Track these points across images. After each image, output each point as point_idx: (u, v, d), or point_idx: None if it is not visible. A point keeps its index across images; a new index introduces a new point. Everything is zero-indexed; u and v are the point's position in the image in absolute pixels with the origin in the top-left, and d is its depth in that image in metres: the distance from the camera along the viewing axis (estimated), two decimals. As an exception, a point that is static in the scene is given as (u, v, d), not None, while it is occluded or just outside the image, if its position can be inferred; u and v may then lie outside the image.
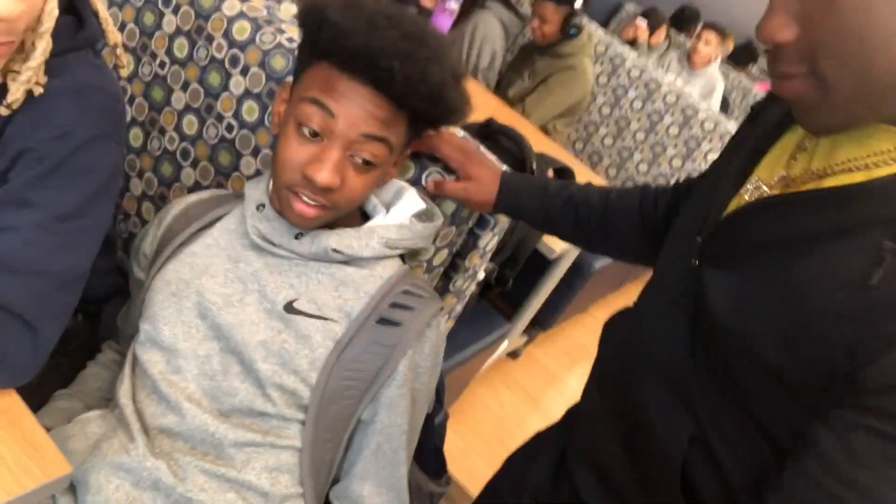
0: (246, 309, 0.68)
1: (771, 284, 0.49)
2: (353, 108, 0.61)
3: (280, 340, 0.66)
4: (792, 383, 0.48)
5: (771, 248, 0.50)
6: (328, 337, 0.67)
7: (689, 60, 3.02)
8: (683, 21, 3.78)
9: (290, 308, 0.67)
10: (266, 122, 0.88)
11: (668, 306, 0.59)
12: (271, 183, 0.70)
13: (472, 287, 0.99)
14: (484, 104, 1.92)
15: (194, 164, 0.95)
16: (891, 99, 0.43)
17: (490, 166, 0.81)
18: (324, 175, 0.61)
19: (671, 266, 0.63)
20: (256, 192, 0.73)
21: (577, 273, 1.93)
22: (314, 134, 0.63)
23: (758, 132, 0.59)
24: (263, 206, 0.71)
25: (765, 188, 0.54)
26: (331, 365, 0.66)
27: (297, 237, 0.69)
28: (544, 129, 2.20)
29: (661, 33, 3.22)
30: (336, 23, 0.60)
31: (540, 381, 2.16)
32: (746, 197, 0.55)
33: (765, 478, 0.52)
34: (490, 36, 2.09)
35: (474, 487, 1.65)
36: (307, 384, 0.66)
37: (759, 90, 3.49)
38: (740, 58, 4.11)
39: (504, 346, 1.90)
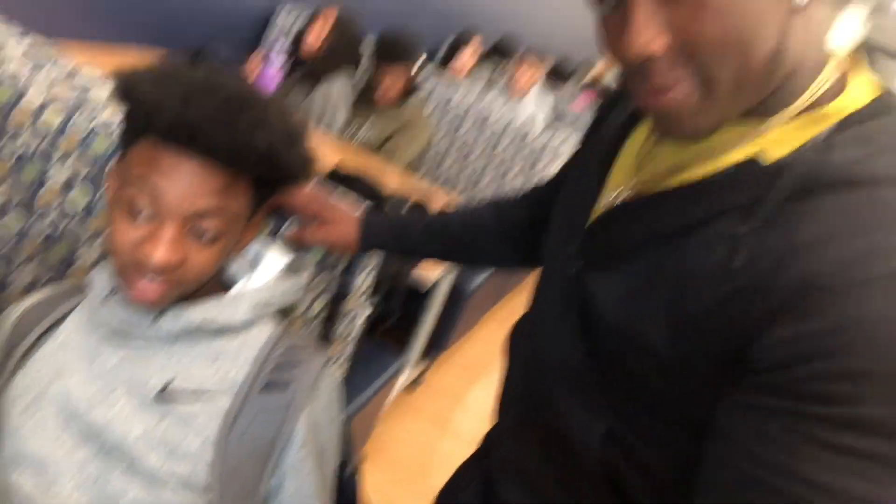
0: (117, 405, 0.63)
1: (648, 281, 0.50)
2: (182, 184, 0.58)
3: (162, 429, 0.62)
4: (688, 373, 0.48)
5: (641, 247, 0.51)
6: (214, 415, 0.63)
7: (511, 86, 3.32)
8: (504, 50, 4.16)
9: (165, 393, 0.63)
10: (98, 207, 0.86)
11: (558, 314, 0.60)
12: None
13: (357, 330, 0.99)
14: (335, 153, 1.97)
15: (27, 262, 0.91)
16: (764, 84, 0.44)
17: (346, 209, 0.81)
18: (159, 254, 0.58)
19: (553, 275, 0.64)
20: (103, 279, 0.69)
21: (457, 294, 2.02)
22: (143, 213, 0.59)
23: (607, 136, 0.61)
24: (114, 292, 0.67)
25: (623, 193, 0.55)
26: (223, 443, 0.62)
27: (157, 318, 0.65)
28: (403, 175, 2.32)
29: (474, 53, 3.41)
30: (149, 97, 0.57)
31: (445, 404, 2.20)
32: (610, 201, 0.56)
33: (686, 468, 0.51)
34: (345, 99, 2.18)
35: (402, 525, 1.64)
36: (202, 467, 0.62)
37: (580, 105, 3.89)
38: (557, 77, 4.58)
39: (404, 378, 1.92)
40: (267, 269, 0.73)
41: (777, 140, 0.46)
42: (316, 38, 2.15)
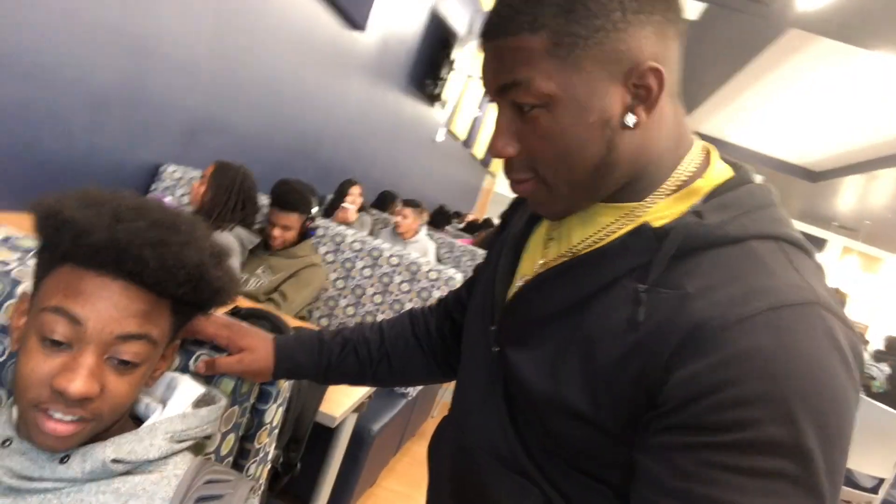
0: None
1: (563, 346, 0.55)
2: (105, 309, 0.57)
3: None
4: (608, 428, 0.52)
5: (554, 316, 0.57)
6: None
7: (399, 228, 3.49)
8: (384, 202, 4.41)
9: None
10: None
11: (485, 393, 0.64)
12: (15, 410, 0.60)
13: (266, 472, 0.93)
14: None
15: None
16: (598, 185, 0.54)
17: (260, 335, 0.81)
18: (77, 384, 0.55)
19: (475, 361, 0.68)
20: None
21: (358, 441, 1.92)
22: (60, 343, 0.57)
23: (514, 232, 0.69)
24: (9, 441, 0.60)
25: (530, 275, 0.62)
26: None
27: (62, 461, 0.59)
28: (300, 317, 2.27)
29: (358, 203, 3.60)
30: (76, 221, 0.57)
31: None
32: (519, 283, 0.63)
33: None
34: (237, 254, 2.15)
35: None
36: None
37: (461, 244, 4.16)
38: (438, 221, 4.91)
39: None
40: (180, 401, 0.69)
41: (658, 213, 0.55)
42: (196, 193, 2.18)
